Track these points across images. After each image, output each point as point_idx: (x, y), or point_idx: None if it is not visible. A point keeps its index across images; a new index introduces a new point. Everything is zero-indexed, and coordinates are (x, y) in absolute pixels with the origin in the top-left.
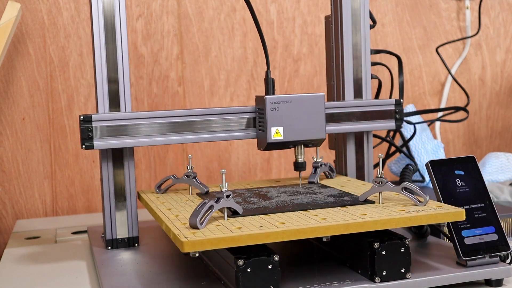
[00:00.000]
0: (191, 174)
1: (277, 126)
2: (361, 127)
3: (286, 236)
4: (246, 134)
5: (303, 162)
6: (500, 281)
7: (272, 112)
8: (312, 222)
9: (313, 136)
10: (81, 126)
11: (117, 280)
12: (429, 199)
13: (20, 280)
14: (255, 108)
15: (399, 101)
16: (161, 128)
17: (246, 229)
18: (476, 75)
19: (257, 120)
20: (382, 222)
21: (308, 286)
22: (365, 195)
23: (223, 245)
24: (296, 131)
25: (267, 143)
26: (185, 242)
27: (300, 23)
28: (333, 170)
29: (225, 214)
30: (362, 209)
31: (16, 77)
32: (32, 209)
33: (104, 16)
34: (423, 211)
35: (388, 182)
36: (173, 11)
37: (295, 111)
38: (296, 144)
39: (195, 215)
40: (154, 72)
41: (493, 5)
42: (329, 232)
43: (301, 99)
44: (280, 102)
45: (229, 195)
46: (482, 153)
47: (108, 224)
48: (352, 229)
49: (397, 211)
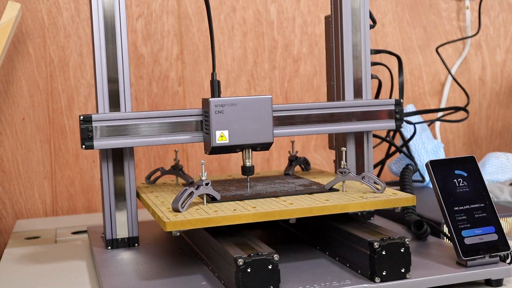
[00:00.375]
0: (177, 166)
1: (222, 129)
2: (361, 127)
3: (256, 218)
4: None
5: (251, 166)
6: (500, 281)
7: (216, 115)
8: (279, 206)
9: (259, 140)
10: (81, 126)
11: (117, 280)
12: (385, 187)
13: (20, 280)
14: (202, 111)
15: (399, 101)
16: (161, 128)
17: (221, 212)
18: (476, 75)
19: (204, 123)
20: (341, 206)
21: (308, 286)
22: (330, 184)
23: (201, 225)
24: (242, 135)
25: (212, 147)
26: (167, 222)
27: (300, 23)
28: (308, 163)
29: (204, 200)
30: (326, 196)
31: (16, 77)
32: (32, 209)
33: (104, 16)
34: (379, 197)
35: (350, 172)
36: (173, 11)
37: (241, 114)
38: (243, 148)
39: (177, 200)
40: (154, 72)
41: (493, 5)
42: (294, 215)
43: (247, 102)
44: (225, 105)
45: (208, 183)
46: (482, 153)
47: (108, 224)
48: (315, 212)
49: (357, 197)
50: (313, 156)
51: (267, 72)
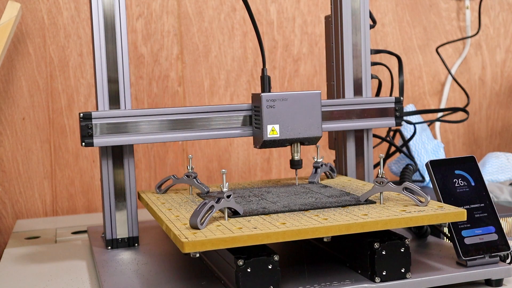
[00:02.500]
0: (191, 174)
1: (273, 124)
2: (361, 125)
3: (287, 237)
4: (242, 132)
5: (299, 160)
6: (500, 281)
7: (268, 109)
8: (313, 223)
9: (309, 134)
10: (81, 124)
11: (117, 280)
12: (430, 199)
13: (20, 280)
14: (252, 106)
15: (399, 98)
16: (160, 126)
17: (246, 230)
18: (476, 75)
19: (253, 118)
20: (384, 223)
21: (308, 286)
22: (366, 195)
23: (224, 246)
24: (292, 129)
25: (263, 140)
26: (185, 242)
27: (300, 23)
28: (333, 170)
29: (226, 215)
30: (363, 209)
31: (16, 77)
32: (32, 209)
33: (104, 16)
34: (424, 211)
35: (389, 182)
36: (173, 11)
37: (291, 109)
38: (292, 142)
39: (195, 216)
40: (154, 72)
41: (493, 5)
42: (330, 233)
43: (297, 97)
44: (276, 100)
45: (229, 195)
46: (482, 153)
47: (108, 224)
48: (354, 230)
49: (398, 212)
50: (313, 156)
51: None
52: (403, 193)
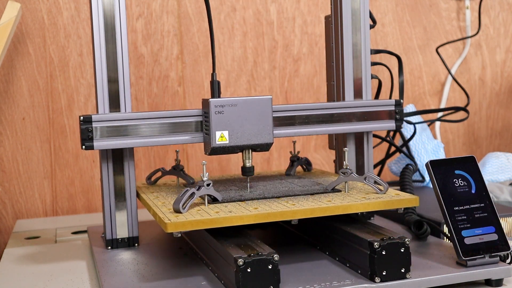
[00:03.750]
0: (178, 166)
1: (222, 130)
2: (361, 128)
3: (258, 219)
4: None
5: (251, 167)
6: (500, 281)
7: (216, 115)
8: (281, 207)
9: (260, 141)
10: (81, 127)
11: (117, 280)
12: (388, 187)
13: (20, 280)
14: (202, 111)
15: (399, 101)
16: (161, 129)
17: (223, 213)
18: (476, 75)
19: (204, 124)
20: (344, 207)
21: (308, 286)
22: (332, 184)
23: (202, 226)
24: (242, 135)
25: (212, 147)
26: (168, 223)
27: (300, 23)
28: (309, 164)
29: (206, 201)
30: (329, 196)
31: (16, 77)
32: (32, 209)
33: (104, 16)
34: (382, 198)
35: (353, 173)
36: (173, 11)
37: (241, 115)
38: (242, 149)
39: (178, 201)
40: (154, 72)
41: (493, 5)
42: (296, 216)
43: (247, 102)
44: (225, 106)
45: (209, 184)
46: (482, 153)
47: (108, 224)
48: (317, 213)
49: (359, 198)
50: (313, 156)
51: (267, 72)
52: (365, 182)
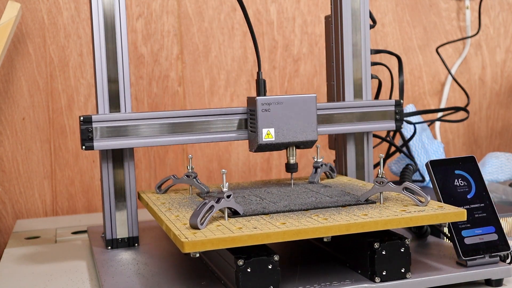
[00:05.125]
0: (191, 174)
1: (268, 127)
2: (361, 128)
3: (287, 237)
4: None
5: (294, 163)
6: (500, 281)
7: (263, 113)
8: (313, 223)
9: (304, 138)
10: (81, 127)
11: (117, 280)
12: (430, 199)
13: (20, 280)
14: (247, 109)
15: (399, 101)
16: (161, 129)
17: (246, 230)
18: (476, 75)
19: (249, 122)
20: (383, 223)
21: (308, 286)
22: (366, 195)
23: (224, 245)
24: (288, 133)
25: (258, 144)
26: (185, 242)
27: (300, 23)
28: (333, 170)
29: (226, 215)
30: (363, 209)
31: (16, 77)
32: (32, 209)
33: (104, 16)
34: (424, 211)
35: (389, 182)
36: (173, 11)
37: (287, 113)
38: (287, 146)
39: (195, 216)
40: (154, 72)
41: (493, 5)
42: (330, 233)
43: (292, 100)
44: (272, 104)
45: (229, 195)
46: (482, 153)
47: (108, 224)
48: (353, 230)
49: (398, 211)
50: (313, 156)
51: (267, 72)
52: (403, 193)
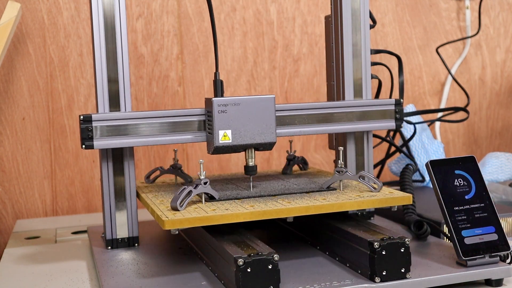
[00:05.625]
0: (177, 165)
1: (225, 129)
2: (361, 127)
3: (254, 216)
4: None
5: (253, 165)
6: (500, 281)
7: (219, 114)
8: (277, 205)
9: (262, 140)
10: (81, 126)
11: (117, 280)
12: (382, 186)
13: (20, 280)
14: (205, 111)
15: (399, 101)
16: (161, 128)
17: (219, 211)
18: (476, 75)
19: (206, 123)
20: (338, 205)
21: (308, 286)
22: (328, 182)
23: (199, 224)
24: (245, 135)
25: (215, 146)
26: (166, 220)
27: (300, 23)
28: (306, 163)
29: (203, 199)
30: (323, 194)
31: (16, 77)
32: (32, 209)
33: (104, 16)
34: (376, 196)
35: (348, 171)
36: (173, 11)
37: (244, 114)
38: (245, 148)
39: (175, 199)
40: (154, 72)
41: (493, 5)
42: (291, 213)
43: (250, 102)
44: (228, 105)
45: (206, 182)
46: (482, 153)
47: (108, 224)
48: (312, 211)
49: (353, 196)
50: (313, 156)
51: (267, 72)
52: (359, 180)
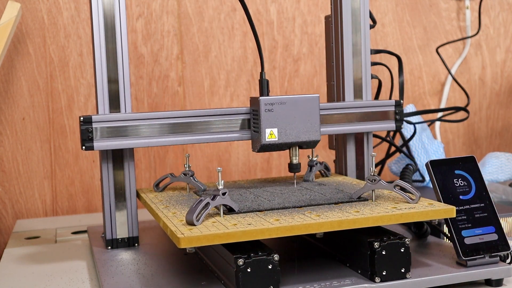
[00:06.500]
0: (188, 172)
1: (271, 127)
2: (361, 128)
3: (280, 233)
4: (240, 135)
5: (297, 163)
6: (500, 281)
7: (266, 113)
8: (305, 219)
9: (307, 138)
10: (81, 127)
11: (117, 280)
12: (420, 196)
13: (20, 280)
14: (250, 110)
15: (399, 102)
16: (161, 129)
17: (241, 226)
18: (476, 75)
19: (252, 122)
20: (374, 219)
21: (308, 286)
22: (358, 192)
23: (219, 241)
24: (291, 133)
25: (261, 144)
26: (181, 238)
27: (300, 23)
28: (328, 169)
29: (221, 211)
30: (355, 206)
31: (16, 77)
32: (32, 209)
33: (104, 16)
34: (415, 208)
35: (381, 180)
36: (173, 11)
37: (290, 113)
38: (290, 146)
39: (191, 212)
40: (154, 72)
41: (493, 5)
42: (322, 229)
43: (295, 100)
44: (275, 104)
45: (225, 192)
46: (482, 153)
47: (108, 224)
48: (345, 226)
49: (389, 208)
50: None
51: (267, 72)
52: (395, 190)
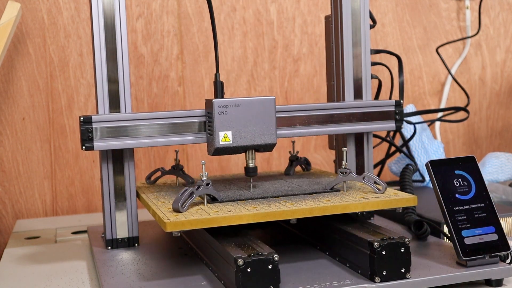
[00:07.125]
0: (178, 166)
1: (225, 130)
2: (361, 128)
3: (257, 218)
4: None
5: (254, 167)
6: (500, 281)
7: (220, 116)
8: (280, 207)
9: (263, 141)
10: (81, 127)
11: (117, 280)
12: (386, 187)
13: (20, 280)
14: (205, 112)
15: (399, 102)
16: (161, 129)
17: (222, 212)
18: (476, 75)
19: (207, 124)
20: (342, 207)
21: (308, 286)
22: (331, 184)
23: (201, 226)
24: (246, 136)
25: (215, 148)
26: (167, 223)
27: (300, 23)
28: (308, 163)
29: (205, 200)
30: (327, 196)
31: (16, 77)
32: (32, 209)
33: (104, 16)
34: (380, 197)
35: (351, 172)
36: (173, 11)
37: (245, 115)
38: (246, 149)
39: (177, 201)
40: (154, 72)
41: (493, 5)
42: (295, 215)
43: (250, 103)
44: (229, 106)
45: (208, 183)
46: (482, 153)
47: (108, 224)
48: (316, 213)
49: (357, 198)
50: (313, 156)
51: (267, 72)
52: (363, 181)
